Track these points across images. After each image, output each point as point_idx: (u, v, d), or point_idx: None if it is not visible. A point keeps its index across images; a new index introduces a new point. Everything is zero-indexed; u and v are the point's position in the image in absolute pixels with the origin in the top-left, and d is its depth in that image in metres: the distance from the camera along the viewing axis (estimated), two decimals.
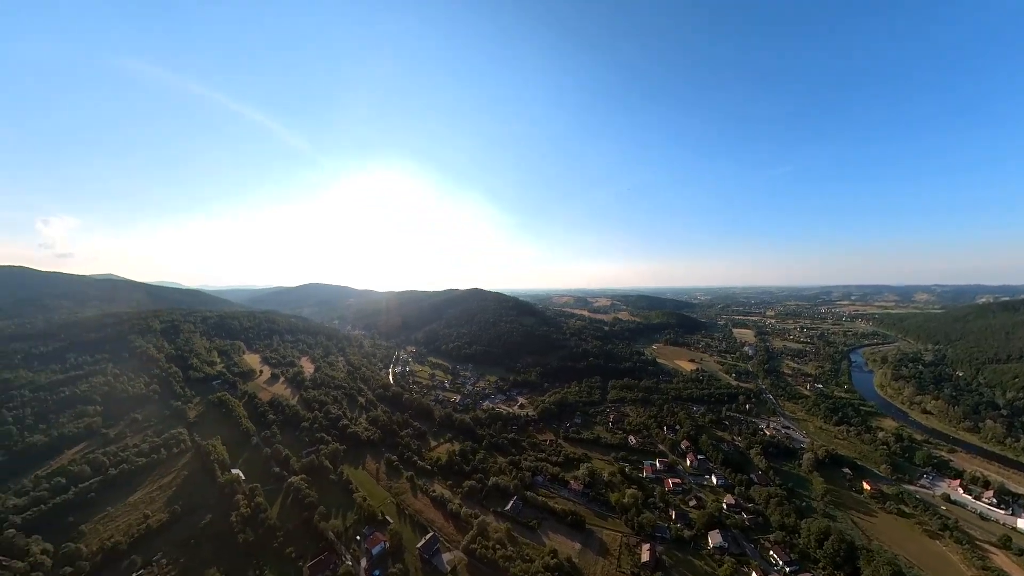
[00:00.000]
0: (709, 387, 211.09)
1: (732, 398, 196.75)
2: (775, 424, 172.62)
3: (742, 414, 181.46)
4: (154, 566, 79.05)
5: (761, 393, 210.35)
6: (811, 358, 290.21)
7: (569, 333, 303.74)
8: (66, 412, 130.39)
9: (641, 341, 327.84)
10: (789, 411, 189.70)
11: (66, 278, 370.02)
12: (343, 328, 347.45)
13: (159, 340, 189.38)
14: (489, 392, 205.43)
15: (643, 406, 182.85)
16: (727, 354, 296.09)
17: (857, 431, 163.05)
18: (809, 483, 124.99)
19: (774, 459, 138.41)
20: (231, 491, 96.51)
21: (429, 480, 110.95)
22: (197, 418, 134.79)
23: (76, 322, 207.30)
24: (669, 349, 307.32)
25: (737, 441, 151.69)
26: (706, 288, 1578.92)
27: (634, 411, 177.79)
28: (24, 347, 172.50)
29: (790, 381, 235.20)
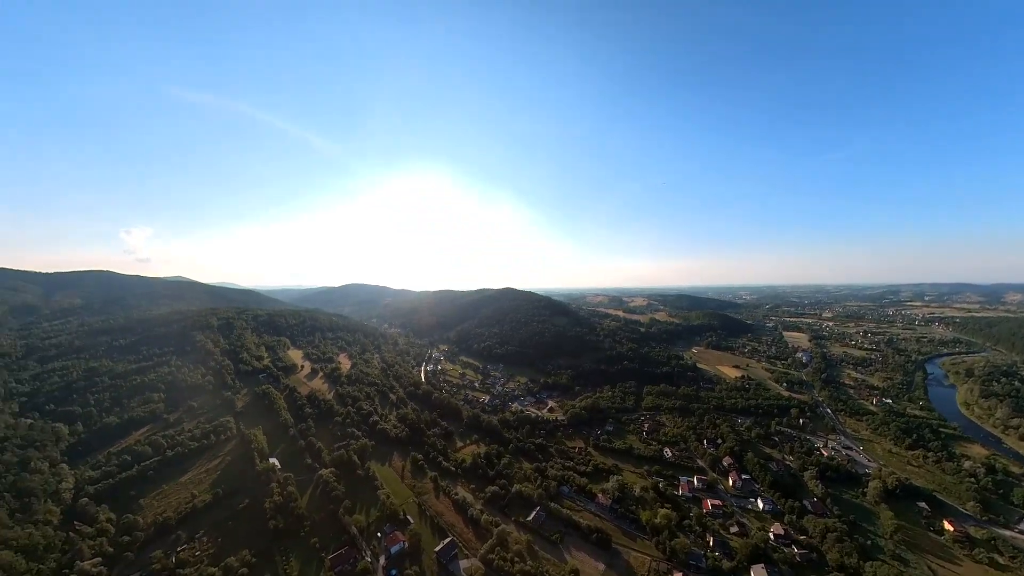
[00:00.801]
0: (756, 397, 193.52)
1: (783, 411, 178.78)
2: (834, 443, 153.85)
3: (795, 430, 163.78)
4: (196, 543, 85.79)
5: (817, 406, 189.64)
6: (877, 367, 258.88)
7: (603, 334, 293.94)
8: (136, 398, 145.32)
9: (680, 344, 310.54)
10: (851, 429, 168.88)
11: (144, 280, 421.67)
12: (380, 326, 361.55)
13: (216, 336, 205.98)
14: (518, 394, 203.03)
15: (681, 416, 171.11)
16: (777, 360, 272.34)
17: (936, 458, 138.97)
18: (875, 517, 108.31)
19: (833, 485, 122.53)
20: (267, 479, 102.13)
21: (453, 482, 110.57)
22: (243, 408, 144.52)
23: (149, 319, 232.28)
24: (711, 353, 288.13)
25: (788, 461, 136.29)
26: (752, 287, 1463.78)
27: (671, 421, 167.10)
28: (107, 340, 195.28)
29: (852, 394, 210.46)
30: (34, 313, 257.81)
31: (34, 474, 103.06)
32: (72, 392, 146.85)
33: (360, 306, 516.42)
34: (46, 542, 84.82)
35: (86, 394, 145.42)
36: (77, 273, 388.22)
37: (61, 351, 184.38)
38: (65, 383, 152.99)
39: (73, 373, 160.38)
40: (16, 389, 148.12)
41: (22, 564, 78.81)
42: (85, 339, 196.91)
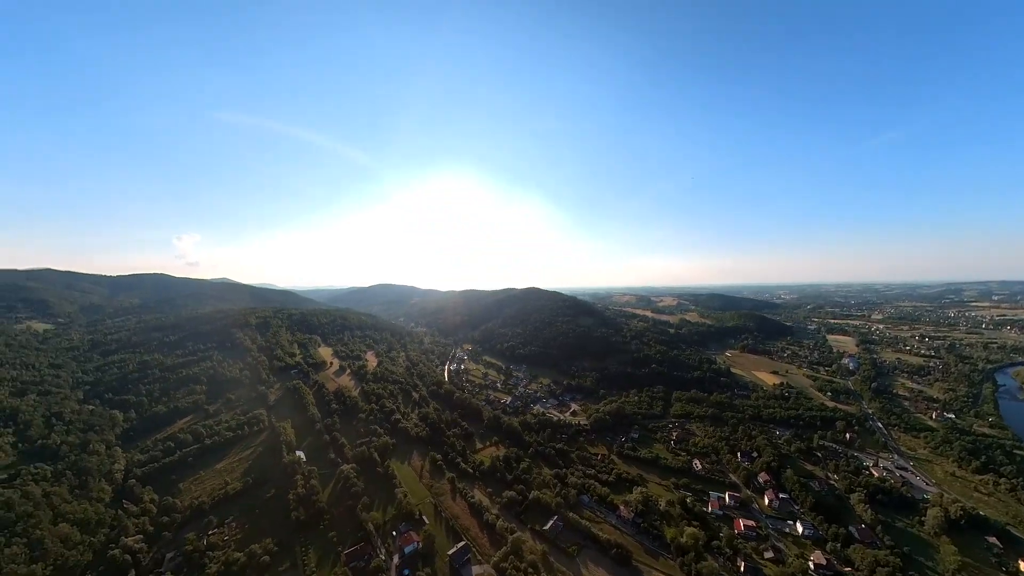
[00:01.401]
0: (797, 407, 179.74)
1: (827, 423, 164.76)
2: (886, 462, 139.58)
3: (841, 445, 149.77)
4: (225, 528, 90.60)
5: (867, 419, 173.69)
6: (937, 377, 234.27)
7: (630, 336, 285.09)
8: (182, 389, 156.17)
9: (712, 347, 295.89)
10: (906, 447, 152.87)
11: (193, 282, 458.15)
12: (407, 325, 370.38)
13: (253, 333, 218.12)
14: (541, 395, 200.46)
15: (713, 424, 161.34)
16: (820, 367, 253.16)
17: (1011, 485, 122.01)
18: (935, 550, 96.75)
19: (884, 510, 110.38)
20: (292, 471, 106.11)
21: (470, 484, 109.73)
22: (275, 402, 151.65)
23: (195, 317, 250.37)
24: (746, 357, 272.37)
25: (833, 480, 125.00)
26: (791, 285, 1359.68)
27: (701, 430, 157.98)
28: (159, 336, 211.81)
29: (908, 406, 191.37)
30: (99, 311, 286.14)
31: (92, 455, 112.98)
32: (127, 382, 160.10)
33: (389, 305, 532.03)
34: (98, 517, 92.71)
35: (139, 385, 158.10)
36: (136, 276, 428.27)
37: (120, 345, 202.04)
38: (122, 374, 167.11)
39: (129, 365, 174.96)
40: (82, 379, 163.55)
41: (77, 536, 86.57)
42: (140, 335, 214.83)
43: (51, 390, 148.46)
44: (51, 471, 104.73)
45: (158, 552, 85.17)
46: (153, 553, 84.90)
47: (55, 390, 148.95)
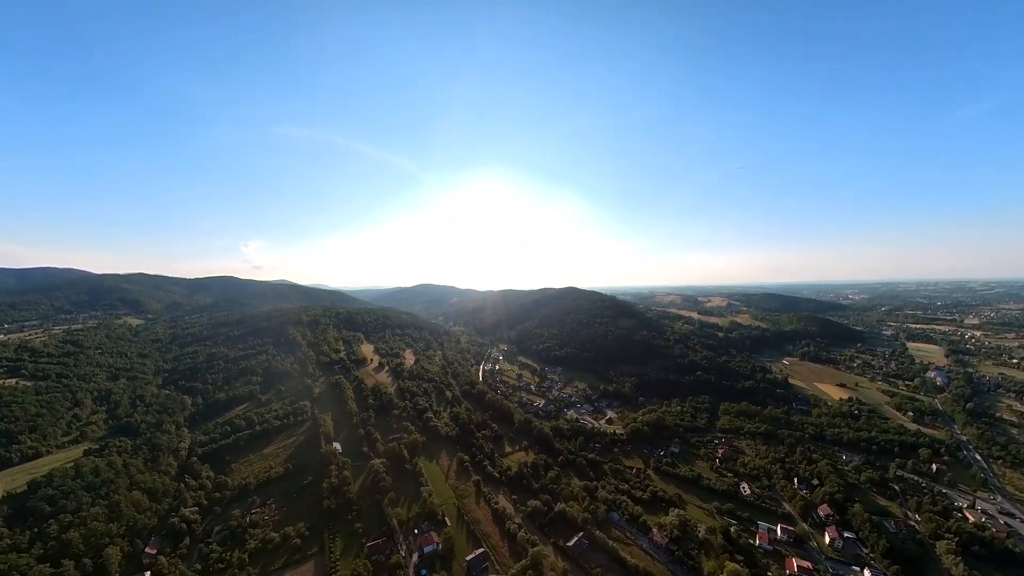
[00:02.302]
0: (869, 428, 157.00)
1: (908, 450, 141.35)
2: (985, 504, 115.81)
3: (924, 478, 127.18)
4: (265, 508, 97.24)
5: (960, 448, 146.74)
6: None
7: (673, 339, 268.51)
8: (240, 379, 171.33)
9: (767, 353, 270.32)
10: (1014, 487, 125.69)
11: (256, 283, 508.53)
12: (445, 324, 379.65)
13: (304, 330, 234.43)
14: (575, 400, 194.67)
15: (765, 443, 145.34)
16: (899, 380, 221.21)
17: None
18: None
19: (980, 564, 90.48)
20: (328, 461, 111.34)
21: (495, 489, 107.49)
22: (319, 395, 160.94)
23: (256, 315, 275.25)
24: (807, 366, 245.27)
25: (914, 521, 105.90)
26: (861, 283, 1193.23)
27: (752, 448, 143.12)
28: (225, 331, 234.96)
29: (1016, 435, 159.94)
30: (180, 309, 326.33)
31: (164, 434, 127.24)
32: (197, 371, 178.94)
33: (429, 305, 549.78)
34: (163, 488, 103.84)
35: (206, 374, 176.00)
36: (209, 278, 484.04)
37: (194, 339, 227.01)
38: (193, 364, 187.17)
39: (199, 357, 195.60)
40: (162, 367, 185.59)
41: (146, 503, 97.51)
42: (210, 330, 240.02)
43: (137, 376, 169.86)
44: (131, 445, 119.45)
45: (209, 524, 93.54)
46: (205, 524, 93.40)
47: (140, 376, 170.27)
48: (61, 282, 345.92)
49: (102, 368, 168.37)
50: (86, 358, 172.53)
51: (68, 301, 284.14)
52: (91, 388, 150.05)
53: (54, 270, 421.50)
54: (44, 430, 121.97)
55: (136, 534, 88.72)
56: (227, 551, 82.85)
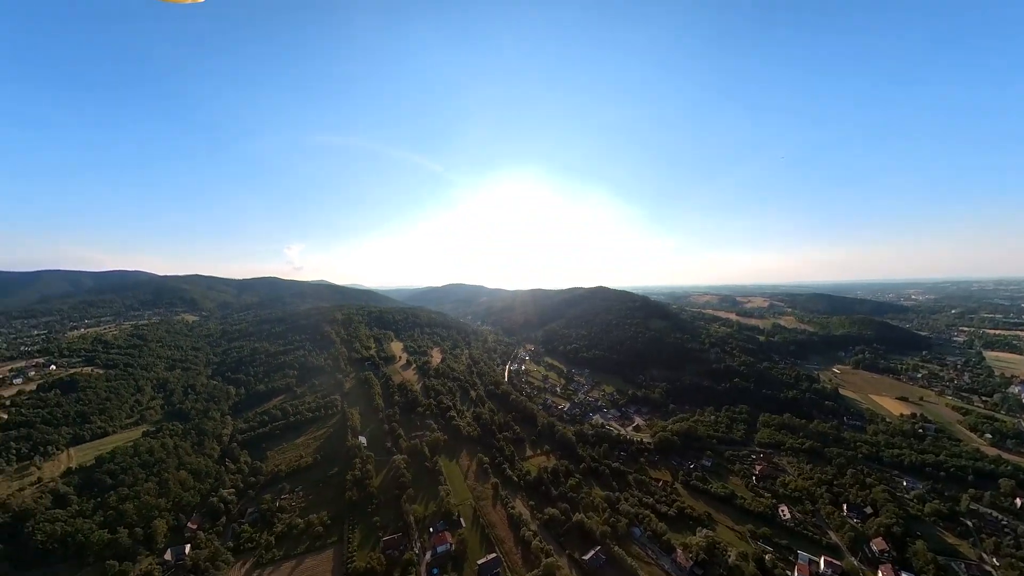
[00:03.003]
0: (936, 451, 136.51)
1: (985, 479, 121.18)
2: None
3: (1006, 514, 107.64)
4: (293, 495, 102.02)
5: None
6: None
7: (709, 343, 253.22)
8: (278, 373, 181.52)
9: (814, 360, 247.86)
10: None
11: (296, 283, 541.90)
12: (473, 324, 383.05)
13: (338, 328, 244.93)
14: (602, 404, 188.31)
15: (810, 461, 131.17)
16: (973, 395, 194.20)
17: None
18: None
19: None
20: (353, 454, 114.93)
21: (513, 493, 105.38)
22: (349, 390, 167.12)
23: (295, 313, 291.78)
24: (861, 376, 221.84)
25: (990, 566, 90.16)
26: (926, 282, 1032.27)
27: (795, 467, 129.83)
28: (268, 327, 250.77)
29: None
30: (229, 307, 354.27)
31: (209, 420, 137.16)
32: (241, 364, 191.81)
33: (458, 304, 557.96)
34: (206, 470, 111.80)
35: (249, 367, 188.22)
36: (255, 279, 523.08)
37: (240, 335, 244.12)
38: (239, 358, 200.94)
39: (244, 351, 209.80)
40: (211, 359, 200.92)
41: (191, 482, 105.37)
42: (255, 327, 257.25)
43: (190, 367, 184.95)
44: (181, 429, 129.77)
45: (243, 506, 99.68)
46: (239, 506, 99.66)
47: (193, 367, 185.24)
48: (131, 283, 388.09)
49: (161, 359, 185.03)
50: (148, 350, 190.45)
51: (136, 300, 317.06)
52: (151, 377, 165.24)
53: (126, 273, 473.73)
54: (111, 412, 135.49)
55: (180, 509, 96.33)
56: (256, 532, 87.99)
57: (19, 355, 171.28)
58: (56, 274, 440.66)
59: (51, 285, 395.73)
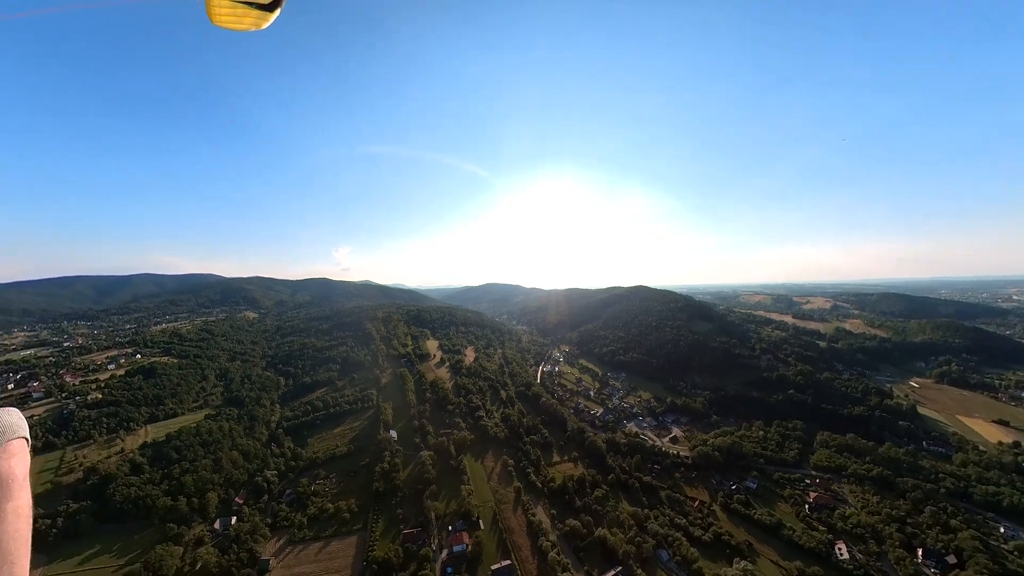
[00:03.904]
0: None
1: None
2: None
3: None
4: (327, 481, 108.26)
5: None
6: None
7: (759, 348, 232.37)
8: (323, 366, 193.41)
9: (886, 371, 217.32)
10: None
11: (344, 284, 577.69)
12: (509, 323, 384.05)
13: (379, 325, 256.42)
14: (637, 412, 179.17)
15: (878, 492, 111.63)
16: None
17: None
18: None
19: None
20: (383, 447, 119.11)
21: (535, 500, 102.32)
22: (385, 385, 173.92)
23: (341, 311, 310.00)
24: (947, 392, 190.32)
25: None
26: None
27: (858, 497, 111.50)
28: (317, 324, 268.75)
29: None
30: (285, 306, 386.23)
31: (261, 407, 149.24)
32: (291, 358, 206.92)
33: (495, 303, 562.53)
34: (255, 452, 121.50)
35: (298, 360, 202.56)
36: (307, 280, 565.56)
37: (292, 331, 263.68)
38: (290, 352, 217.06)
39: (295, 345, 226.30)
40: (266, 352, 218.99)
41: (241, 462, 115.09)
42: (305, 324, 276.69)
43: (248, 358, 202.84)
44: (236, 414, 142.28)
45: (283, 487, 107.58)
46: (280, 486, 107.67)
47: (250, 359, 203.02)
48: (203, 284, 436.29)
49: (224, 351, 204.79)
50: (214, 343, 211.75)
51: (207, 299, 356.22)
52: (215, 367, 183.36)
53: (200, 275, 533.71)
54: (181, 396, 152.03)
55: (230, 485, 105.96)
56: (292, 512, 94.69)
57: (114, 345, 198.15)
58: (146, 277, 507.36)
59: (141, 286, 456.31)
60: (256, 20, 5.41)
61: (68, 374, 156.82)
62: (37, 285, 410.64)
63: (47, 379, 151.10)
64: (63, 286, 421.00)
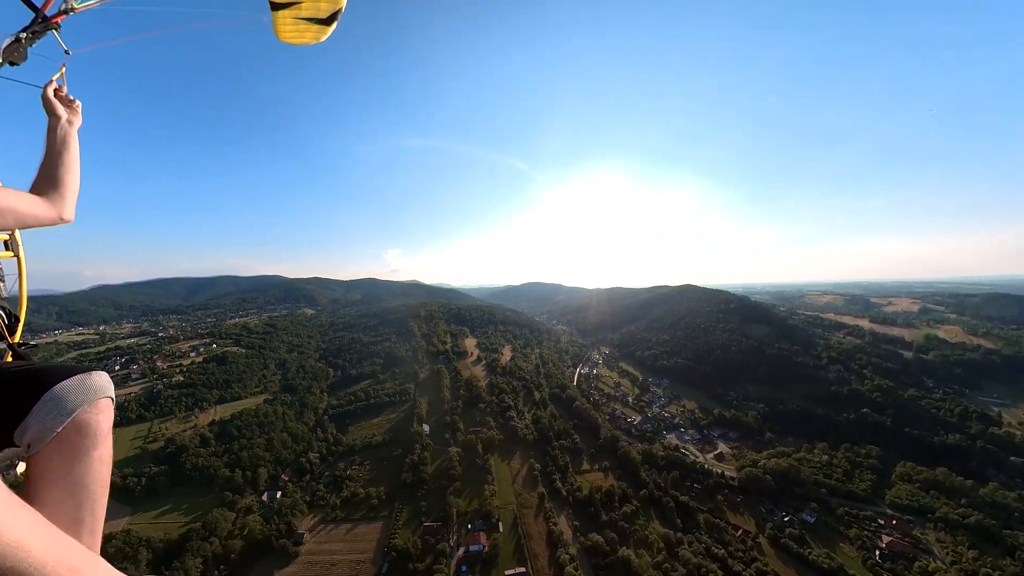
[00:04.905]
0: None
1: None
2: None
3: None
4: (361, 467, 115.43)
5: None
6: None
7: (827, 357, 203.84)
8: (367, 360, 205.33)
9: (993, 391, 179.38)
10: None
11: (392, 283, 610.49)
12: (548, 323, 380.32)
13: (421, 323, 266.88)
14: (679, 422, 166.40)
15: (976, 544, 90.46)
16: None
17: None
18: None
19: None
20: (415, 440, 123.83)
21: (558, 508, 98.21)
22: (422, 380, 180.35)
23: (387, 309, 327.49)
24: None
25: None
26: None
27: (947, 548, 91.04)
28: (364, 321, 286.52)
29: None
30: (338, 304, 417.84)
31: (310, 395, 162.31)
32: (341, 351, 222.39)
33: (535, 303, 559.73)
34: (302, 435, 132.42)
35: (346, 354, 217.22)
36: (358, 280, 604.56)
37: (343, 326, 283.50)
38: (339, 345, 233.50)
39: (344, 340, 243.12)
40: (319, 346, 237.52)
41: (289, 443, 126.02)
42: (355, 320, 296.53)
43: (304, 351, 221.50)
44: (289, 400, 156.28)
45: (323, 469, 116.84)
46: (320, 468, 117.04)
47: (306, 351, 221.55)
48: (270, 285, 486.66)
49: (284, 343, 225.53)
50: (276, 336, 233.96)
51: (273, 297, 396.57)
52: (275, 357, 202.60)
53: (267, 277, 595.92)
54: (245, 382, 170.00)
55: (279, 463, 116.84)
56: (328, 493, 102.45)
57: (196, 335, 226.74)
58: (224, 279, 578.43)
59: (221, 286, 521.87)
60: (316, 34, 5.76)
61: (159, 359, 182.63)
62: (143, 286, 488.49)
63: (143, 363, 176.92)
64: (161, 286, 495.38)
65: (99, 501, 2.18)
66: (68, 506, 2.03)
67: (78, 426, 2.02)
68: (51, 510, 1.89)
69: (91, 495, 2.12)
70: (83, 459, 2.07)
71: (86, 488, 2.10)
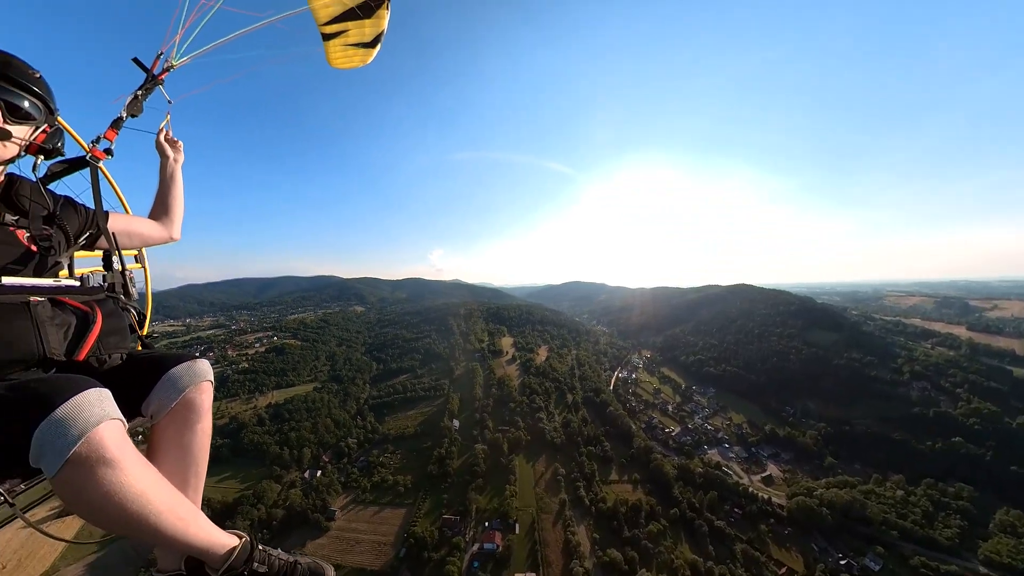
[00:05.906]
0: None
1: None
2: None
3: None
4: (392, 456, 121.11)
5: None
6: None
7: (909, 371, 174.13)
8: (408, 355, 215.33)
9: None
10: None
11: (436, 283, 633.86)
12: (588, 323, 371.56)
13: (460, 321, 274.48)
14: (724, 437, 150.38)
15: None
16: None
17: None
18: None
19: None
20: (444, 434, 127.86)
21: (579, 517, 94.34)
22: (457, 377, 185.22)
23: (430, 307, 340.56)
24: None
25: None
26: None
27: None
28: (410, 318, 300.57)
29: None
30: (385, 302, 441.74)
31: (354, 385, 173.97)
32: (384, 346, 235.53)
33: (576, 303, 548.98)
34: (344, 421, 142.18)
35: (389, 348, 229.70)
36: (404, 280, 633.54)
37: (389, 323, 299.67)
38: (383, 341, 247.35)
39: (388, 335, 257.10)
40: (366, 340, 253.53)
41: (332, 428, 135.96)
42: (400, 318, 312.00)
43: (352, 345, 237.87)
44: (335, 389, 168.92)
45: (359, 454, 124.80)
46: (357, 453, 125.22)
47: (353, 345, 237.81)
48: (325, 284, 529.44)
49: (335, 338, 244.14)
50: (328, 331, 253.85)
51: (328, 295, 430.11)
52: (326, 349, 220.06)
53: (324, 276, 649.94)
54: (299, 371, 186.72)
55: (321, 445, 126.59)
56: (361, 476, 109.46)
57: (261, 329, 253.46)
58: (286, 279, 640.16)
59: (284, 285, 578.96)
60: (362, 57, 6.09)
61: (230, 348, 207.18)
62: (221, 285, 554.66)
63: (217, 351, 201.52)
64: (236, 286, 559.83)
65: (202, 465, 2.70)
66: (178, 468, 2.51)
67: (187, 403, 2.53)
68: (166, 470, 2.36)
69: (195, 460, 2.63)
70: (190, 430, 2.59)
71: (192, 454, 2.60)
